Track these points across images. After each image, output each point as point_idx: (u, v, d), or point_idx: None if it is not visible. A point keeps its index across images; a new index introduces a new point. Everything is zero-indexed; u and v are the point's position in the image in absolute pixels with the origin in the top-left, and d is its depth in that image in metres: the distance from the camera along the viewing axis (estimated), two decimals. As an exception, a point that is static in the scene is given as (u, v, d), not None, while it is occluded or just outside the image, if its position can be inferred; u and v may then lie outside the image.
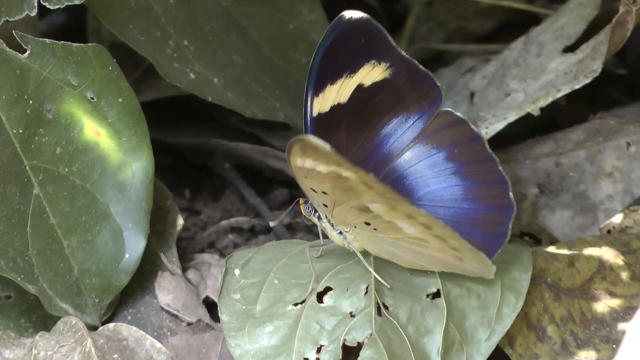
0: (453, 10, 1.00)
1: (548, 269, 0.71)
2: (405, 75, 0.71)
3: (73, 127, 0.73)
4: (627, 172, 0.79)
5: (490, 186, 0.69)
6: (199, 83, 0.80)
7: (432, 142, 0.70)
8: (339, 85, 0.69)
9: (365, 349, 0.67)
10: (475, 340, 0.67)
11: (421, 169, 0.70)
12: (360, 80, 0.70)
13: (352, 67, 0.70)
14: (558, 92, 0.79)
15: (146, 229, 0.74)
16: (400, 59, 0.70)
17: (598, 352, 0.68)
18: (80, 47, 0.73)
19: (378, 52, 0.70)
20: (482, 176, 0.70)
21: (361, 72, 0.70)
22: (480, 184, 0.69)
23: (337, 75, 0.69)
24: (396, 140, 0.71)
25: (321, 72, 0.69)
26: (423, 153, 0.70)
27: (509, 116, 0.80)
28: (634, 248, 0.72)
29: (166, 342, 0.73)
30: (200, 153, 0.90)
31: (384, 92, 0.70)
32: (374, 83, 0.70)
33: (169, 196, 0.80)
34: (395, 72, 0.70)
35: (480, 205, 0.69)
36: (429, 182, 0.70)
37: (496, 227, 0.69)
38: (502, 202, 0.69)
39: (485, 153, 0.70)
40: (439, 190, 0.70)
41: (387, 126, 0.71)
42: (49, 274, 0.73)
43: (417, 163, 0.70)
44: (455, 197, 0.69)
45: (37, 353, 0.70)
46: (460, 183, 0.69)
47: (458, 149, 0.70)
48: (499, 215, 0.69)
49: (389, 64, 0.70)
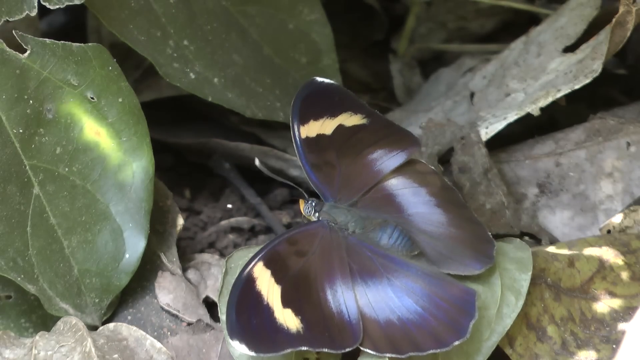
0: (453, 10, 1.00)
1: (548, 269, 0.71)
2: (382, 124, 0.74)
3: (73, 127, 0.73)
4: (627, 172, 0.79)
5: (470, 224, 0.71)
6: (199, 83, 0.80)
7: (412, 178, 0.72)
8: (321, 123, 0.73)
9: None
10: (475, 340, 0.67)
11: (407, 193, 0.72)
12: (341, 122, 0.73)
13: (330, 114, 0.73)
14: (558, 92, 0.79)
15: (146, 229, 0.74)
16: (374, 114, 0.73)
17: (598, 352, 0.68)
18: (80, 47, 0.73)
19: (352, 107, 0.73)
20: (460, 214, 0.71)
21: (340, 117, 0.73)
22: (460, 219, 0.70)
23: (318, 117, 0.73)
24: (383, 163, 0.73)
25: (303, 114, 0.73)
26: (407, 183, 0.72)
27: (509, 116, 0.80)
28: (634, 248, 0.72)
29: (166, 342, 0.73)
30: (200, 153, 0.90)
31: (364, 132, 0.73)
32: (353, 125, 0.73)
33: (169, 196, 0.80)
34: (372, 121, 0.73)
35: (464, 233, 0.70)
36: (416, 206, 0.71)
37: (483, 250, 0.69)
38: (483, 237, 0.70)
39: (460, 200, 0.71)
40: (426, 214, 0.71)
41: (371, 154, 0.73)
42: (49, 274, 0.73)
43: (403, 188, 0.72)
44: (441, 222, 0.71)
45: (37, 353, 0.70)
46: (443, 213, 0.71)
47: (436, 189, 0.71)
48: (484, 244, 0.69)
49: (364, 115, 0.73)
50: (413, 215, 0.70)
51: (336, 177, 0.71)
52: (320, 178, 0.72)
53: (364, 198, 0.71)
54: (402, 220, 0.70)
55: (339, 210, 0.70)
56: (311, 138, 0.72)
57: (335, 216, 0.70)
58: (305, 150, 0.72)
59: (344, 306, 0.65)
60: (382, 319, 0.65)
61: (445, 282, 0.67)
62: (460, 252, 0.69)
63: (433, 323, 0.64)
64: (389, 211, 0.70)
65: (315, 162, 0.72)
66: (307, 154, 0.72)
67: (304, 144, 0.72)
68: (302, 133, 0.72)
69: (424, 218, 0.70)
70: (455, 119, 0.84)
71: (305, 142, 0.72)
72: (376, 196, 0.71)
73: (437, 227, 0.70)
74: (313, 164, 0.72)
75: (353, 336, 0.64)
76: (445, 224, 0.70)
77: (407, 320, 0.65)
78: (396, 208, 0.71)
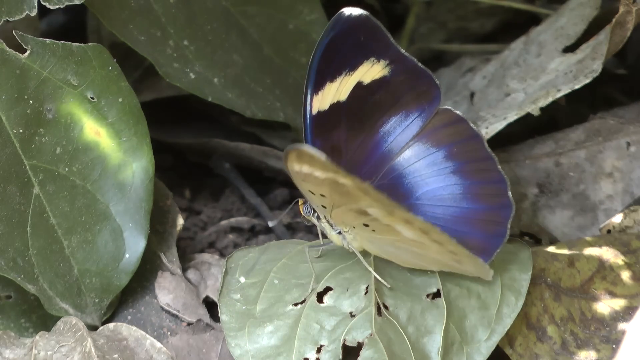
0: (453, 10, 1.00)
1: (548, 269, 0.71)
2: (404, 73, 0.71)
3: (73, 127, 0.73)
4: (627, 172, 0.79)
5: (489, 185, 0.69)
6: (199, 83, 0.80)
7: (431, 140, 0.70)
8: (338, 83, 0.70)
9: (365, 349, 0.67)
10: (475, 340, 0.67)
11: (420, 167, 0.70)
12: (360, 78, 0.70)
13: (351, 65, 0.70)
14: (558, 92, 0.79)
15: (146, 229, 0.74)
16: (399, 57, 0.70)
17: (598, 352, 0.68)
18: (80, 47, 0.73)
19: (377, 49, 0.70)
20: (480, 175, 0.70)
21: (360, 69, 0.70)
22: (478, 183, 0.69)
23: (336, 73, 0.70)
24: (395, 138, 0.71)
25: (320, 70, 0.69)
26: (422, 151, 0.70)
27: (509, 116, 0.80)
28: (634, 248, 0.72)
29: (166, 342, 0.73)
30: (200, 153, 0.90)
31: (383, 90, 0.70)
32: (373, 81, 0.70)
33: (169, 196, 0.80)
34: (394, 70, 0.70)
35: (479, 205, 0.69)
36: (428, 181, 0.70)
37: (495, 227, 0.69)
38: (501, 201, 0.69)
39: (484, 152, 0.70)
40: (438, 189, 0.70)
41: (386, 124, 0.71)
42: (49, 274, 0.73)
43: (416, 162, 0.70)
44: (454, 196, 0.69)
45: (37, 353, 0.70)
46: (459, 182, 0.69)
47: (457, 147, 0.70)
48: (498, 215, 0.69)
49: (388, 61, 0.70)
50: (421, 198, 0.70)
51: None
52: None
53: None
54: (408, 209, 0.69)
55: None
56: (323, 114, 0.69)
57: (335, 216, 0.70)
58: (315, 132, 0.69)
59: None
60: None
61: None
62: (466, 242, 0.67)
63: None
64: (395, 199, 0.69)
65: (321, 148, 0.69)
66: (314, 138, 0.69)
67: (314, 123, 0.69)
68: (315, 106, 0.69)
69: (433, 198, 0.69)
70: (455, 119, 0.84)
71: (315, 122, 0.69)
72: (382, 184, 0.70)
73: (448, 207, 0.69)
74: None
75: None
76: (458, 197, 0.69)
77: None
78: (403, 193, 0.70)
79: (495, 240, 0.68)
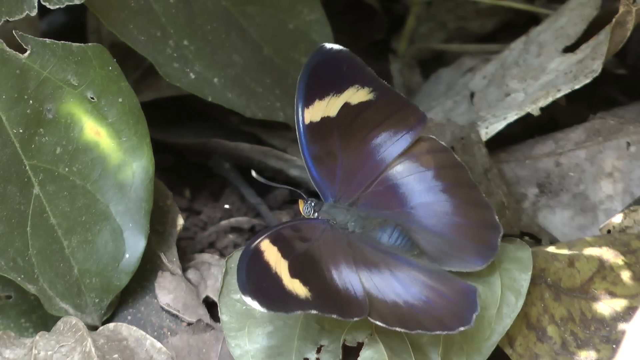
0: (453, 10, 1.00)
1: (548, 269, 0.71)
2: (388, 99, 0.72)
3: (73, 127, 0.73)
4: (627, 172, 0.79)
5: (477, 208, 0.71)
6: (199, 83, 0.80)
7: (419, 160, 0.72)
8: (326, 102, 0.71)
9: (365, 349, 0.67)
10: (475, 340, 0.67)
11: (412, 181, 0.72)
12: (347, 100, 0.72)
13: (337, 89, 0.71)
14: (558, 92, 0.79)
15: (146, 229, 0.74)
16: (381, 87, 0.72)
17: (598, 352, 0.68)
18: (80, 47, 0.73)
19: (360, 79, 0.72)
20: (468, 197, 0.71)
21: (346, 93, 0.72)
22: (467, 204, 0.71)
23: (324, 94, 0.71)
24: (387, 149, 0.72)
25: (309, 91, 0.71)
26: (412, 168, 0.72)
27: (509, 116, 0.80)
28: (634, 248, 0.72)
29: (166, 342, 0.73)
30: (200, 153, 0.90)
31: (370, 110, 0.72)
32: (360, 102, 0.72)
33: (169, 196, 0.80)
34: (378, 95, 0.72)
35: (470, 222, 0.70)
36: (420, 194, 0.71)
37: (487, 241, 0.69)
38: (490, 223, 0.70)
39: (470, 180, 0.71)
40: (431, 203, 0.71)
41: (376, 138, 0.72)
42: (49, 274, 0.73)
43: (407, 175, 0.72)
44: (445, 211, 0.71)
45: (37, 353, 0.70)
46: (449, 200, 0.71)
47: (444, 171, 0.71)
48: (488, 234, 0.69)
49: (372, 89, 0.72)
50: (415, 208, 0.70)
51: (337, 171, 0.71)
52: (321, 173, 0.71)
53: (364, 194, 0.71)
54: (403, 215, 0.70)
55: (338, 210, 0.70)
56: (315, 124, 0.71)
57: (335, 216, 0.70)
58: (308, 138, 0.71)
59: (350, 285, 0.66)
60: (388, 300, 0.66)
61: (447, 279, 0.67)
62: (462, 248, 0.69)
63: (438, 311, 0.66)
64: (390, 206, 0.70)
65: (317, 153, 0.71)
66: (309, 144, 0.71)
67: (307, 131, 0.71)
68: (307, 117, 0.71)
69: (426, 210, 0.70)
70: (455, 119, 0.84)
71: (308, 129, 0.71)
72: (378, 190, 0.71)
73: (440, 219, 0.70)
74: (315, 156, 0.71)
75: (360, 309, 0.65)
76: (450, 212, 0.70)
77: (413, 305, 0.66)
78: (398, 201, 0.71)
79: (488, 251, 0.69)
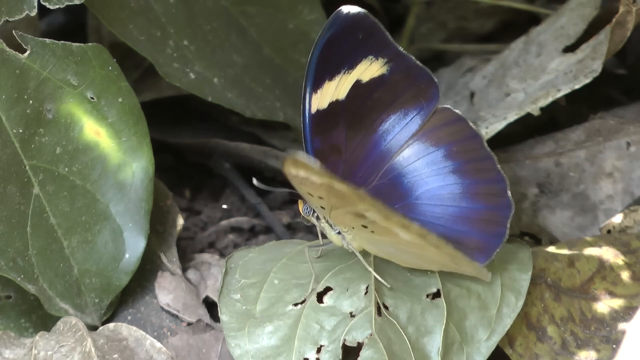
0: (453, 10, 1.00)
1: (548, 269, 0.71)
2: (403, 71, 0.71)
3: (73, 127, 0.73)
4: (627, 172, 0.79)
5: (488, 185, 0.69)
6: (199, 83, 0.80)
7: (430, 139, 0.70)
8: (337, 82, 0.70)
9: (365, 349, 0.67)
10: (475, 340, 0.67)
11: (419, 166, 0.70)
12: (358, 77, 0.70)
13: (350, 63, 0.70)
14: (558, 92, 0.79)
15: (146, 229, 0.74)
16: (397, 55, 0.70)
17: (598, 352, 0.68)
18: (80, 47, 0.73)
19: (375, 47, 0.70)
20: (479, 174, 0.70)
21: (359, 67, 0.70)
22: (478, 183, 0.69)
23: (334, 72, 0.70)
24: (394, 137, 0.71)
25: (319, 68, 0.69)
26: (421, 150, 0.71)
27: (509, 116, 0.80)
28: (634, 248, 0.72)
29: (166, 342, 0.73)
30: (200, 153, 0.90)
31: (381, 88, 0.70)
32: (371, 79, 0.70)
33: (169, 196, 0.80)
34: (392, 68, 0.70)
35: (478, 204, 0.69)
36: (427, 180, 0.70)
37: (495, 226, 0.69)
38: (500, 201, 0.69)
39: (484, 151, 0.70)
40: (437, 188, 0.70)
41: (385, 122, 0.71)
42: (49, 274, 0.73)
43: (415, 161, 0.70)
44: (453, 196, 0.69)
45: (37, 353, 0.70)
46: (458, 181, 0.70)
47: (456, 146, 0.70)
48: (497, 214, 0.69)
49: (386, 59, 0.70)
50: (421, 197, 0.70)
51: (339, 168, 0.70)
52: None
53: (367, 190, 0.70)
54: (407, 209, 0.69)
55: None
56: (321, 112, 0.69)
57: (335, 216, 0.70)
58: (314, 131, 0.70)
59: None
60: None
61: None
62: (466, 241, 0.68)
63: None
64: (394, 200, 0.70)
65: (320, 147, 0.70)
66: (314, 138, 0.70)
67: (313, 122, 0.69)
68: (314, 105, 0.69)
69: (433, 197, 0.69)
70: (455, 119, 0.84)
71: (314, 120, 0.69)
72: (381, 183, 0.70)
73: (447, 206, 0.69)
74: (318, 150, 0.70)
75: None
76: (457, 196, 0.69)
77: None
78: (402, 193, 0.70)
79: (494, 239, 0.68)
